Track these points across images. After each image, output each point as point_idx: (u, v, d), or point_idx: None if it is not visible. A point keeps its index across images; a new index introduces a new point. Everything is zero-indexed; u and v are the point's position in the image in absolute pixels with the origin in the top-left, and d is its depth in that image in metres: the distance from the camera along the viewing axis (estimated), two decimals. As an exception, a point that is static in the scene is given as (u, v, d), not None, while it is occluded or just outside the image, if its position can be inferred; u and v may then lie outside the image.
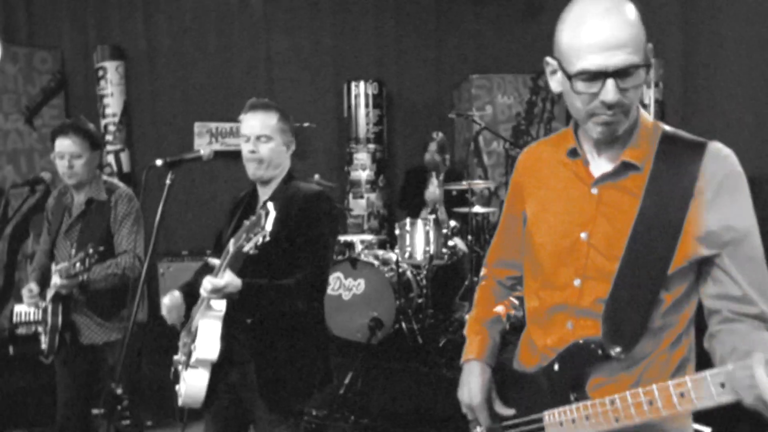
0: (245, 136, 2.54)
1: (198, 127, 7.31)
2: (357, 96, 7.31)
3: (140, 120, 7.35)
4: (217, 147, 7.05)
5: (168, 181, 2.30)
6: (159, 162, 2.30)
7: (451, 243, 5.81)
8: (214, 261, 2.37)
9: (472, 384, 1.86)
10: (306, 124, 6.32)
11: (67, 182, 3.34)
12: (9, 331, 5.28)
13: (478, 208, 5.75)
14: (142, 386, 3.46)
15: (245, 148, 2.53)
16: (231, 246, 2.11)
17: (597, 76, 1.47)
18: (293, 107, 7.34)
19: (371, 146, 7.33)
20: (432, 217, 5.78)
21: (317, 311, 2.50)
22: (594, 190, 1.64)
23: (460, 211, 5.91)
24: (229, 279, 2.09)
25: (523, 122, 6.84)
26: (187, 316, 2.48)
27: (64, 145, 3.28)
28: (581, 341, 1.58)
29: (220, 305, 2.28)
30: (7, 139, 6.77)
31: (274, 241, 2.14)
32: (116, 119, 7.14)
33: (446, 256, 5.74)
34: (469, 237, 5.79)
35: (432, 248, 5.61)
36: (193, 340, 2.38)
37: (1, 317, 6.72)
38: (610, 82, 1.47)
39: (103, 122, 7.20)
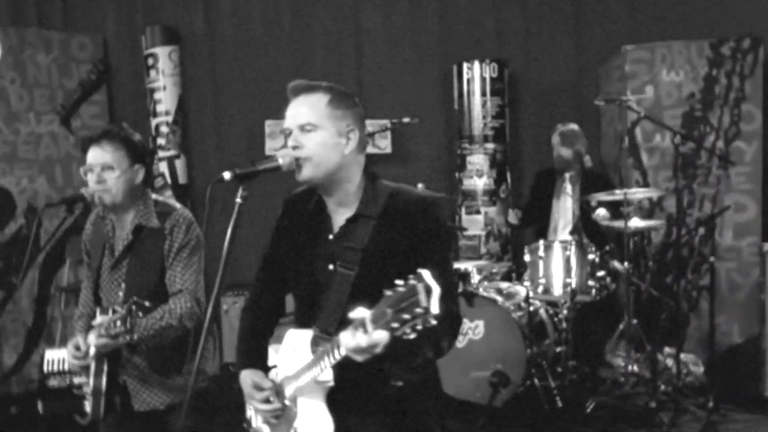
0: (287, 129, 2.32)
1: (269, 126, 6.85)
2: (470, 81, 6.63)
3: (199, 118, 6.98)
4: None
5: (239, 200, 2.18)
6: (227, 175, 2.15)
7: (600, 273, 5.21)
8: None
9: None
10: (406, 120, 5.50)
11: (100, 203, 3.22)
12: (39, 383, 4.99)
13: (636, 222, 5.04)
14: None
15: (289, 144, 2.30)
16: (369, 324, 1.89)
17: None
18: (388, 99, 6.70)
19: (489, 146, 6.65)
20: (573, 238, 5.25)
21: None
22: None
23: (613, 225, 5.13)
24: (379, 336, 1.87)
25: (698, 106, 5.96)
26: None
27: (95, 155, 3.16)
28: None
29: (328, 375, 2.21)
30: (40, 144, 6.38)
31: (378, 269, 2.14)
32: (169, 118, 6.77)
33: (594, 290, 5.25)
34: (625, 263, 5.08)
35: (574, 280, 5.22)
36: (291, 420, 2.37)
37: (28, 364, 6.29)
38: None
39: (153, 122, 6.80)
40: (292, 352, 2.31)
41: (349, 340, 1.95)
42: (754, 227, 5.91)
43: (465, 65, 6.64)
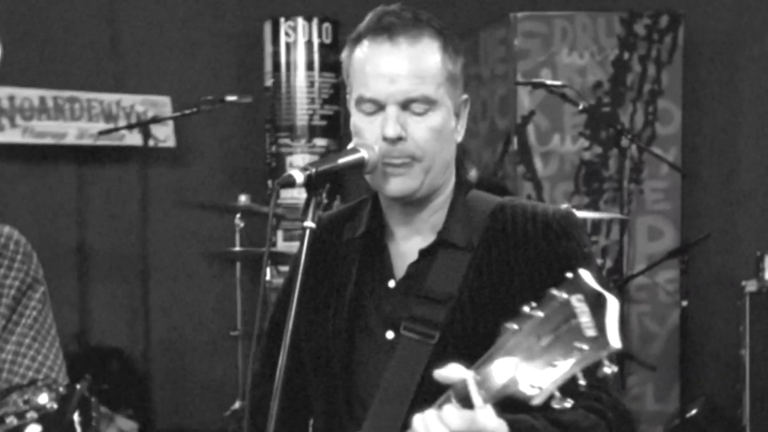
0: (370, 99, 1.60)
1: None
2: (291, 47, 5.14)
3: None
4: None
5: (310, 222, 1.52)
6: (299, 176, 1.49)
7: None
8: None
9: None
10: (231, 98, 4.24)
11: None
12: None
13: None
14: None
15: (373, 130, 1.60)
16: (475, 392, 1.39)
17: None
18: (159, 69, 5.28)
19: (319, 142, 5.22)
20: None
21: None
22: None
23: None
24: (497, 424, 1.39)
25: (607, 100, 4.95)
26: None
27: None
28: None
29: None
30: None
31: (476, 334, 1.59)
32: None
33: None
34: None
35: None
36: None
37: None
38: None
39: None
40: None
41: (453, 420, 1.37)
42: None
43: (283, 23, 5.05)
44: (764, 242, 4.58)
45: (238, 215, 4.17)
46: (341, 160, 1.55)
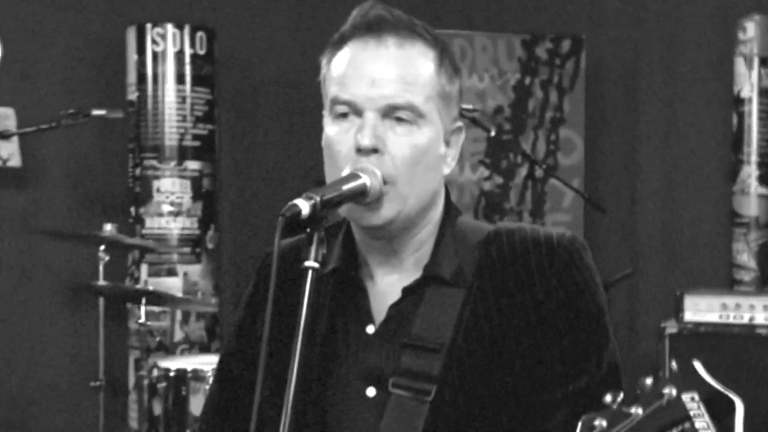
0: (345, 101, 1.45)
1: None
2: (159, 57, 4.66)
3: None
4: None
5: (313, 262, 1.37)
6: (306, 206, 1.34)
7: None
8: None
9: None
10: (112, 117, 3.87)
11: None
12: None
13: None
14: None
15: (346, 141, 1.44)
16: None
17: None
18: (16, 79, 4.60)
19: (192, 165, 4.72)
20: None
21: None
22: None
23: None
24: None
25: (506, 126, 4.80)
26: None
27: None
28: None
29: None
30: None
31: (478, 388, 1.46)
32: None
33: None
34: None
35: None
36: None
37: None
38: None
39: None
40: None
41: None
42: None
43: (150, 29, 4.60)
44: (675, 279, 4.47)
45: (102, 247, 3.63)
46: (345, 187, 1.36)
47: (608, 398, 1.17)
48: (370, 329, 1.49)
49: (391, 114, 1.40)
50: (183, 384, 3.46)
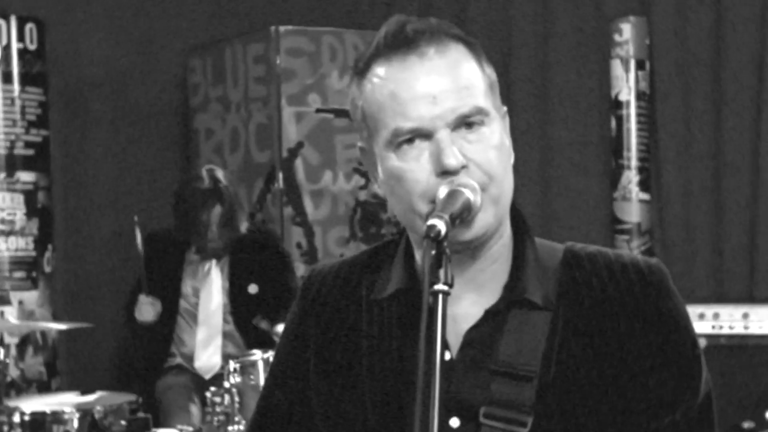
0: (411, 130, 1.41)
1: None
2: None
3: None
4: None
5: (443, 285, 1.33)
6: (442, 225, 1.32)
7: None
8: None
9: None
10: None
11: None
12: None
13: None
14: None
15: (422, 169, 1.43)
16: None
17: None
18: None
19: (24, 177, 4.30)
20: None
21: None
22: None
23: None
24: None
25: None
26: None
27: None
28: None
29: None
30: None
31: (588, 385, 1.45)
32: None
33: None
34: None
35: None
36: None
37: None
38: None
39: None
40: None
41: None
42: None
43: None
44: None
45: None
46: (458, 204, 1.35)
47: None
48: (447, 355, 1.44)
49: (460, 124, 1.39)
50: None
